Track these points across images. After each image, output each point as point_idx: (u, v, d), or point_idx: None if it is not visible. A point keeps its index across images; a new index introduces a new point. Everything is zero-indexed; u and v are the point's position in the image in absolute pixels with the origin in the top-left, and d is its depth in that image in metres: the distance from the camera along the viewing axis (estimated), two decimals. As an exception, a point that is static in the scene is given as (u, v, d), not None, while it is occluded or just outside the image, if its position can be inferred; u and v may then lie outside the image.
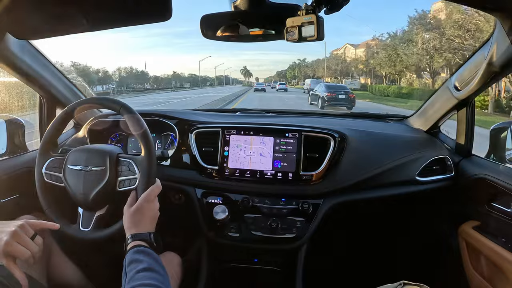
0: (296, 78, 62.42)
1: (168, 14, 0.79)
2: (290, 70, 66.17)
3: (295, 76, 63.36)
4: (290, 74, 66.11)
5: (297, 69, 62.06)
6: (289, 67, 66.31)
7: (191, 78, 68.57)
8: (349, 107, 13.83)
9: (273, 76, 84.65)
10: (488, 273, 1.08)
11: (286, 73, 68.05)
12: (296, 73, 63.12)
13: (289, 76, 65.33)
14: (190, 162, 1.23)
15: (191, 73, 70.19)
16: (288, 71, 66.33)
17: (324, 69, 44.99)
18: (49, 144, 0.99)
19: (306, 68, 57.53)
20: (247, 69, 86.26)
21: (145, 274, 0.68)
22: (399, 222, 1.45)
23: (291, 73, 66.12)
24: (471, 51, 1.07)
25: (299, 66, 62.18)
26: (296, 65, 63.22)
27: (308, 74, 53.40)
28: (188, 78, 69.26)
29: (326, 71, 43.66)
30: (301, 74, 60.04)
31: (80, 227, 0.94)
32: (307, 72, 55.21)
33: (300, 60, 62.73)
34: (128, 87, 45.95)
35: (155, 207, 0.87)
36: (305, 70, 57.35)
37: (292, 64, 65.37)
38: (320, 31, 0.74)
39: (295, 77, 63.88)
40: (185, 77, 68.42)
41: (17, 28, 0.91)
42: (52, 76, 1.25)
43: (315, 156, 1.18)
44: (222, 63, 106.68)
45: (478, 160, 1.20)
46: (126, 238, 0.80)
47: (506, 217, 1.02)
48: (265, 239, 1.17)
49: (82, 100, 1.04)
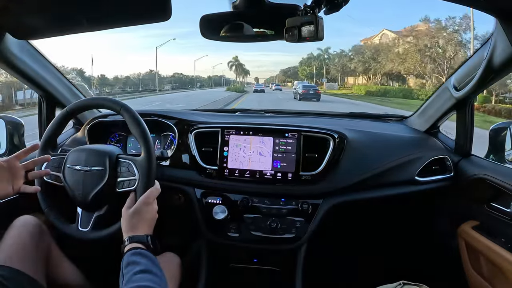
0: (315, 76, 41.84)
1: (167, 14, 0.79)
2: (304, 66, 44.98)
3: (312, 74, 42.48)
4: (305, 72, 44.52)
5: (316, 63, 42.10)
6: (303, 61, 45.48)
7: (174, 79, 53.09)
8: (317, 99, 19.96)
9: (274, 76, 66.39)
10: (487, 273, 1.08)
11: (297, 70, 48.39)
12: (313, 70, 42.39)
13: (303, 74, 44.73)
14: (190, 162, 1.23)
15: (178, 72, 54.52)
16: (302, 67, 45.32)
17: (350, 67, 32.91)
18: (48, 144, 0.99)
19: (330, 62, 40.20)
20: (239, 63, 53.15)
21: (142, 276, 0.67)
22: (399, 222, 1.45)
23: (306, 69, 44.63)
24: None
25: (320, 59, 41.77)
26: (314, 57, 42.80)
27: (331, 73, 39.03)
28: (171, 78, 53.39)
29: (359, 65, 31.47)
30: (325, 69, 40.24)
31: (79, 227, 0.95)
32: (332, 67, 38.52)
33: (321, 50, 40.77)
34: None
35: (153, 209, 0.87)
36: (332, 64, 39.31)
37: (308, 57, 44.20)
38: (320, 31, 0.74)
39: (312, 75, 42.66)
40: (167, 77, 53.37)
41: (16, 28, 0.91)
42: (51, 76, 1.26)
43: (314, 156, 1.18)
44: (220, 62, 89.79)
45: (477, 160, 1.20)
46: (124, 240, 0.80)
47: (506, 217, 1.02)
48: (264, 239, 1.17)
49: (81, 100, 1.04)
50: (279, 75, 61.70)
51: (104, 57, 68.10)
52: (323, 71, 41.18)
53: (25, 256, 0.86)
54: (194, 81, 51.48)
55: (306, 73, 44.93)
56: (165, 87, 45.75)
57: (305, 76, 44.34)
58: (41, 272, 0.90)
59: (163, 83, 47.57)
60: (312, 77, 42.88)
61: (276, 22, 0.82)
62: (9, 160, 0.85)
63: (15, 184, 0.85)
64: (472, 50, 15.61)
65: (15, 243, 0.87)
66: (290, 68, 56.41)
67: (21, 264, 0.83)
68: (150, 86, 42.51)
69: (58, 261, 0.99)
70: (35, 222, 0.95)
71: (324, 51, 41.60)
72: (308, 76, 44.47)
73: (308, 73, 44.64)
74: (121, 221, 0.84)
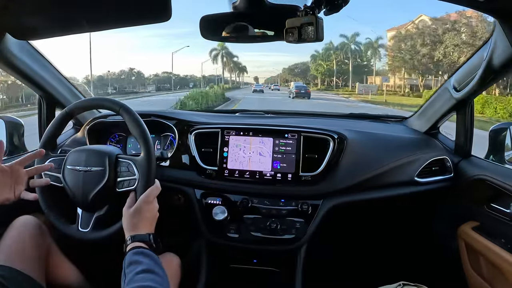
0: (335, 74, 32.50)
1: (167, 15, 0.79)
2: (320, 61, 33.97)
3: (332, 71, 32.93)
4: (321, 68, 33.91)
5: (340, 55, 31.96)
6: (319, 55, 34.37)
7: (163, 78, 42.94)
8: (308, 97, 21.22)
9: (275, 76, 61.38)
10: (487, 273, 1.08)
11: (309, 66, 37.70)
12: (333, 65, 32.46)
13: (316, 71, 34.65)
14: (190, 163, 1.23)
15: (167, 71, 44.00)
16: (317, 62, 34.23)
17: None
18: (48, 144, 0.99)
19: (361, 54, 31.03)
20: (228, 52, 38.33)
21: (145, 276, 0.67)
22: (398, 223, 1.45)
23: (322, 65, 33.74)
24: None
25: (344, 50, 31.61)
26: (335, 48, 32.33)
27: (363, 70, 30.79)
28: (155, 78, 43.07)
29: (395, 61, 24.59)
30: (352, 63, 31.31)
31: (79, 227, 0.94)
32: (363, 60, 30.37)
33: (346, 38, 30.97)
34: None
35: (154, 208, 0.87)
36: (363, 56, 30.93)
37: (326, 48, 32.90)
38: (320, 32, 0.74)
39: (330, 72, 33.03)
40: (152, 77, 42.09)
41: (16, 29, 0.91)
42: (51, 76, 1.26)
43: (314, 157, 1.18)
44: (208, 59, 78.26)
45: (477, 161, 1.20)
46: (126, 239, 0.80)
47: (505, 218, 1.02)
48: (264, 240, 1.17)
49: (81, 100, 1.05)
50: (281, 74, 50.98)
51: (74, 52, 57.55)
52: (347, 66, 31.33)
53: (25, 256, 0.86)
54: (172, 81, 41.52)
55: (323, 69, 33.68)
56: (148, 88, 38.86)
57: (322, 73, 34.25)
58: (41, 272, 0.90)
59: (146, 84, 40.57)
60: (332, 75, 33.03)
61: (276, 23, 0.82)
62: (12, 165, 0.85)
63: (16, 189, 0.85)
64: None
65: (15, 243, 0.87)
66: (297, 65, 45.07)
67: (21, 264, 0.83)
68: (125, 87, 36.47)
69: (58, 262, 0.99)
70: (35, 222, 0.95)
71: (350, 39, 30.82)
72: (326, 74, 33.87)
73: (327, 69, 33.53)
74: (122, 220, 0.84)
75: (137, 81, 40.25)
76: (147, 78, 42.84)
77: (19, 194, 0.85)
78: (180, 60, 73.39)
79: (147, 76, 43.58)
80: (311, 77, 38.73)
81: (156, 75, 45.20)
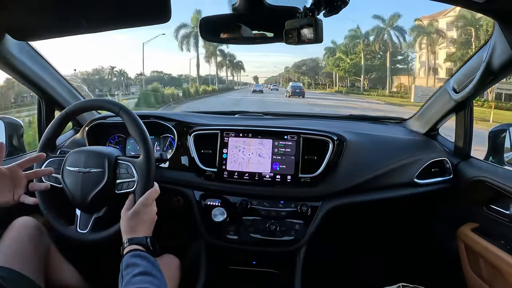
0: (363, 71, 25.82)
1: (167, 16, 0.79)
2: (341, 54, 27.38)
3: (359, 67, 26.14)
4: (345, 64, 27.18)
5: (374, 45, 24.77)
6: (339, 47, 27.67)
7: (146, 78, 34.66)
8: (302, 96, 21.49)
9: (276, 76, 57.37)
10: (486, 275, 1.07)
11: (323, 62, 30.79)
12: (361, 60, 25.95)
13: (337, 67, 27.80)
14: (189, 164, 1.23)
15: (157, 71, 39.23)
16: (338, 55, 27.78)
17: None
18: (47, 145, 0.99)
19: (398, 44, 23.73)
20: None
21: (142, 278, 0.67)
22: (398, 225, 1.45)
23: (345, 60, 27.10)
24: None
25: (380, 38, 24.03)
26: (363, 36, 25.27)
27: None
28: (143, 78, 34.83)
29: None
30: (390, 56, 24.04)
31: (78, 229, 0.94)
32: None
33: (382, 20, 23.49)
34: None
35: (152, 211, 0.87)
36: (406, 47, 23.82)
37: (350, 37, 26.31)
38: (319, 34, 0.74)
39: (357, 69, 26.31)
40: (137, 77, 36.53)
41: (16, 30, 0.91)
42: (51, 77, 1.26)
43: (313, 158, 1.17)
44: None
45: (476, 162, 1.20)
46: (123, 242, 0.79)
47: (505, 219, 1.02)
48: (263, 241, 1.16)
49: (81, 101, 1.05)
50: (283, 74, 49.59)
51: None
52: (380, 61, 23.81)
53: (24, 258, 0.86)
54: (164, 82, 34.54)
55: (347, 65, 25.52)
56: (132, 89, 33.12)
57: (345, 70, 25.94)
58: (40, 273, 0.89)
59: (130, 85, 35.73)
60: (358, 73, 25.12)
61: (275, 25, 0.82)
62: (11, 168, 0.84)
63: (16, 193, 0.84)
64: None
65: (14, 244, 0.87)
66: (305, 61, 37.75)
67: (20, 265, 0.83)
68: (101, 89, 31.81)
69: (57, 263, 0.99)
70: (34, 223, 0.94)
71: (388, 23, 22.66)
72: (351, 71, 25.70)
73: (351, 65, 25.11)
74: (120, 222, 0.84)
75: (118, 82, 35.55)
76: (132, 78, 37.60)
77: (18, 198, 0.85)
78: (176, 58, 70.83)
79: (133, 76, 38.21)
80: (324, 75, 32.12)
81: (141, 74, 37.25)
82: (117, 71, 37.72)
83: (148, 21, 0.90)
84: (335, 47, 28.61)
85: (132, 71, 45.22)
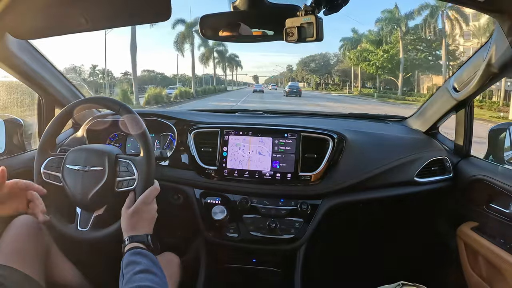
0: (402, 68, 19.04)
1: (167, 14, 0.79)
2: (368, 44, 21.41)
3: (395, 63, 20.14)
4: (375, 57, 20.73)
5: (424, 29, 18.30)
6: (367, 37, 21.45)
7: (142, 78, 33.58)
8: (299, 95, 22.76)
9: (277, 75, 51.21)
10: (486, 274, 1.08)
11: (342, 55, 26.10)
12: (400, 51, 19.64)
13: (363, 62, 21.97)
14: (189, 162, 1.23)
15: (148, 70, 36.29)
16: (364, 46, 21.95)
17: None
18: (48, 144, 0.99)
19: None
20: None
21: (143, 276, 0.67)
22: (398, 223, 1.45)
23: (375, 53, 20.78)
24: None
25: (435, 17, 17.63)
26: (404, 17, 18.67)
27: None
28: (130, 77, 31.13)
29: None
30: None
31: (78, 227, 0.94)
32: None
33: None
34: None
35: (153, 209, 0.87)
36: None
37: (385, 21, 19.16)
38: (319, 32, 0.74)
39: (393, 66, 20.36)
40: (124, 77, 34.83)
41: (16, 28, 0.91)
42: (51, 75, 1.26)
43: (313, 156, 1.18)
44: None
45: (476, 161, 1.20)
46: (124, 240, 0.80)
47: (505, 218, 1.03)
48: (263, 239, 1.17)
49: (81, 99, 1.04)
50: (286, 73, 47.65)
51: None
52: (424, 54, 18.24)
53: (24, 256, 0.86)
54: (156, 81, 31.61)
55: (382, 59, 19.47)
56: (116, 90, 27.69)
57: (379, 67, 19.95)
58: (40, 271, 0.89)
59: (115, 85, 31.72)
60: (394, 69, 19.51)
61: (275, 23, 0.82)
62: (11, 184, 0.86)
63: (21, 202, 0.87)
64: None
65: (14, 242, 0.87)
66: (314, 57, 32.52)
67: (20, 263, 0.83)
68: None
69: (57, 261, 0.99)
70: (34, 221, 0.94)
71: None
72: (385, 67, 19.81)
73: (386, 59, 19.28)
74: (120, 220, 0.84)
75: (98, 83, 31.74)
76: (118, 78, 34.20)
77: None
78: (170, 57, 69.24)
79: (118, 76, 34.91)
80: (338, 73, 25.92)
81: (126, 73, 34.33)
82: (100, 70, 34.84)
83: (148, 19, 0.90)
84: (356, 37, 22.04)
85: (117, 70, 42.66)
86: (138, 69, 38.81)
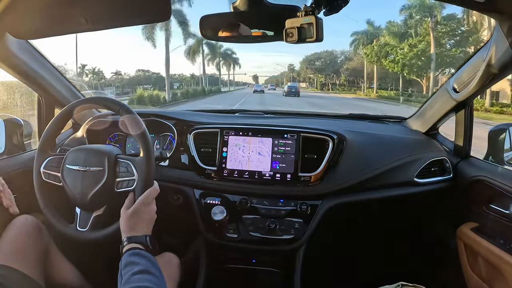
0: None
1: (167, 14, 0.79)
2: (388, 37, 17.90)
3: (425, 59, 15.76)
4: (399, 53, 16.50)
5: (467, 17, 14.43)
6: (390, 28, 17.32)
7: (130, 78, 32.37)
8: (298, 95, 23.58)
9: (277, 75, 51.73)
10: (486, 274, 1.08)
11: (355, 51, 23.93)
12: (431, 45, 15.47)
13: (381, 57, 18.15)
14: (189, 163, 1.23)
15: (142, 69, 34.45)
16: (385, 39, 18.21)
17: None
18: (47, 144, 0.99)
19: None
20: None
21: (141, 277, 0.67)
22: (398, 224, 1.45)
23: (399, 48, 16.94)
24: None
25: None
26: (426, 7, 14.92)
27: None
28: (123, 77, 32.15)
29: None
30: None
31: (78, 227, 0.94)
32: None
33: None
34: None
35: (152, 209, 0.87)
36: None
37: (416, 8, 15.24)
38: (319, 33, 0.74)
39: (423, 64, 15.90)
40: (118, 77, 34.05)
41: (16, 28, 0.91)
42: (50, 75, 1.26)
43: (313, 157, 1.18)
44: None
45: (476, 161, 1.21)
46: (122, 240, 0.80)
47: (504, 219, 1.03)
48: (263, 240, 1.17)
49: (81, 100, 1.04)
50: (287, 73, 47.17)
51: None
52: (459, 49, 15.55)
53: (24, 256, 0.86)
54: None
55: (411, 55, 16.49)
56: (106, 91, 27.50)
57: (406, 65, 16.93)
58: (39, 271, 0.90)
59: (104, 86, 30.89)
60: (424, 67, 16.83)
61: (275, 23, 0.82)
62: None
63: None
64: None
65: (13, 242, 0.87)
66: (320, 55, 30.26)
67: (20, 263, 0.83)
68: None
69: (56, 261, 0.99)
70: (34, 221, 0.95)
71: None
72: (413, 65, 16.78)
73: (416, 55, 16.36)
74: (119, 221, 0.84)
75: (90, 82, 29.90)
76: (108, 79, 32.11)
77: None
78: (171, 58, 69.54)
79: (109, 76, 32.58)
80: (347, 72, 22.88)
81: (117, 73, 32.08)
82: (89, 69, 33.06)
83: (148, 19, 0.90)
84: (372, 30, 18.88)
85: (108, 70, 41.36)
86: (133, 69, 39.11)
